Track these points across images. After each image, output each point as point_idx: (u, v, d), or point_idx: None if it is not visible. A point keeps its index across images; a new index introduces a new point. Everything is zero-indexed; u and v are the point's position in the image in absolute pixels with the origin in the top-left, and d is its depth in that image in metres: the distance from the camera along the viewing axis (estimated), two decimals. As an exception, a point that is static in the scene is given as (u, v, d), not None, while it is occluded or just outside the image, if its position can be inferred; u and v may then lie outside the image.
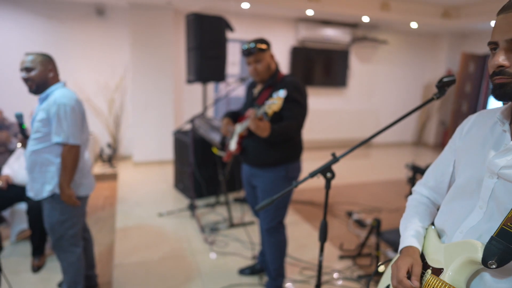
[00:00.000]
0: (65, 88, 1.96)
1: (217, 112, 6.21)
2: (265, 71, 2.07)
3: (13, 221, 2.94)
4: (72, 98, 1.90)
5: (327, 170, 1.25)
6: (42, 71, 1.87)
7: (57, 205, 1.95)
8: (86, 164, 2.07)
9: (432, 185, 1.13)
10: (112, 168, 5.08)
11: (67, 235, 2.00)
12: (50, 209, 1.96)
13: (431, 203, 1.14)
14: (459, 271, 0.87)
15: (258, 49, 2.02)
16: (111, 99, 5.33)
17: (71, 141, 1.87)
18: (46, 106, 1.85)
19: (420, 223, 1.07)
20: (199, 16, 3.75)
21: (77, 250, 2.07)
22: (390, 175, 5.30)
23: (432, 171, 1.14)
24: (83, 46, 5.08)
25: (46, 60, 1.90)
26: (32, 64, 1.85)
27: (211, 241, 3.05)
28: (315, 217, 3.64)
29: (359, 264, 2.74)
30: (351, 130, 7.02)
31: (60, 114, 1.83)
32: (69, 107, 1.85)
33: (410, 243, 1.02)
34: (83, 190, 2.02)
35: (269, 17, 5.98)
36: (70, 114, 1.85)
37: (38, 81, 1.87)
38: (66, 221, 1.97)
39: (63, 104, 1.83)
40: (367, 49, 6.88)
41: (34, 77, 1.85)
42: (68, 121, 1.85)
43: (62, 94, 1.88)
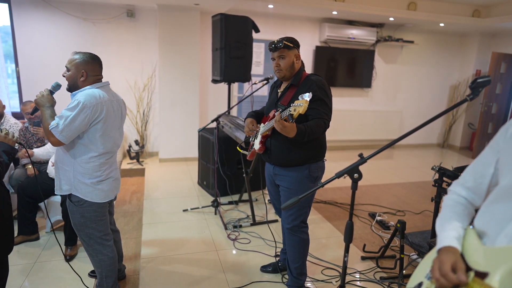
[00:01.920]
0: (96, 89, 1.91)
1: (240, 111, 6.29)
2: (288, 68, 2.08)
3: (49, 212, 3.11)
4: (95, 98, 1.85)
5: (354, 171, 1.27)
6: (74, 74, 1.91)
7: (76, 208, 1.96)
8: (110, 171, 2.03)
9: (471, 186, 1.11)
10: (140, 164, 5.26)
11: (94, 235, 2.02)
12: (71, 211, 1.99)
13: (469, 203, 1.12)
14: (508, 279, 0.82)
15: (284, 45, 2.05)
16: (140, 98, 5.51)
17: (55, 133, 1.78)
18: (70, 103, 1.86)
19: (459, 223, 1.05)
20: (226, 16, 3.82)
21: (107, 247, 2.09)
22: (415, 177, 5.21)
23: (471, 171, 1.12)
24: (115, 46, 5.28)
25: (82, 64, 1.90)
26: (69, 65, 1.92)
27: (234, 238, 3.11)
28: (337, 217, 3.64)
29: (382, 266, 2.73)
30: (375, 131, 6.93)
31: (69, 107, 1.81)
32: (83, 105, 1.80)
33: (450, 243, 1.00)
34: (98, 196, 1.98)
35: (294, 17, 6.00)
36: (78, 111, 1.79)
37: (69, 81, 1.93)
38: (87, 223, 1.99)
39: (78, 101, 1.81)
40: (392, 49, 6.77)
41: (67, 77, 1.93)
42: (69, 115, 1.78)
43: (88, 92, 1.86)
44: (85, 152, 1.91)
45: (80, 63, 1.91)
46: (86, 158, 1.91)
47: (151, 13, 5.33)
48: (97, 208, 1.99)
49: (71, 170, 1.92)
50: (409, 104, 7.18)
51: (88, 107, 1.81)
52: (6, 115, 3.50)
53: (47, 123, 1.84)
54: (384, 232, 3.34)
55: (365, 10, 5.30)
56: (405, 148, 7.23)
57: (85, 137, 1.89)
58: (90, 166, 1.92)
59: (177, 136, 5.47)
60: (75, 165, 1.91)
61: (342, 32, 6.08)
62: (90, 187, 1.94)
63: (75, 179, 1.92)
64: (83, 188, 1.93)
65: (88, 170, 1.93)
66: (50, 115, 1.88)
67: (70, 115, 1.78)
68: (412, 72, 7.03)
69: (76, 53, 1.94)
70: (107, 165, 2.01)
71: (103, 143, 1.93)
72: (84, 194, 1.94)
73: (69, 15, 5.01)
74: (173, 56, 5.21)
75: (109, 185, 2.02)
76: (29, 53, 4.95)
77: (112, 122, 1.96)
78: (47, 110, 1.89)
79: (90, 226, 2.00)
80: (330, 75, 6.42)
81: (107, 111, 1.90)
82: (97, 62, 1.99)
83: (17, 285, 2.36)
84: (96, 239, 2.04)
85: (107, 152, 1.97)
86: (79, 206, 1.95)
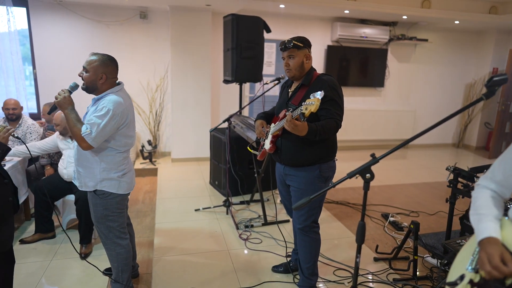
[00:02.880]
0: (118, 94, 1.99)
1: (252, 111, 6.30)
2: (297, 68, 2.08)
3: (64, 210, 3.18)
4: (121, 104, 1.94)
5: (367, 171, 1.26)
6: (92, 76, 1.94)
7: (100, 201, 2.03)
8: (130, 164, 2.15)
9: (500, 179, 1.16)
10: (152, 164, 5.32)
11: (113, 228, 2.09)
12: (94, 204, 2.06)
13: (499, 196, 1.17)
14: None
15: (294, 45, 2.05)
16: (152, 98, 5.57)
17: (88, 139, 1.86)
18: (97, 107, 1.93)
19: (494, 214, 1.10)
20: (237, 17, 3.83)
21: (124, 241, 2.16)
22: (428, 177, 5.13)
23: (499, 165, 1.17)
24: (128, 48, 5.36)
25: (101, 67, 1.95)
26: (88, 67, 1.95)
27: (245, 238, 3.12)
28: (348, 217, 3.61)
29: (395, 267, 2.70)
30: (388, 131, 6.84)
31: (99, 115, 1.88)
32: (113, 113, 1.89)
33: (491, 234, 1.04)
34: (122, 188, 2.07)
35: (305, 17, 5.98)
36: (108, 119, 1.88)
37: (87, 83, 1.97)
38: (109, 215, 2.07)
39: (108, 108, 1.89)
40: (405, 48, 6.67)
41: (85, 78, 1.97)
42: (101, 123, 1.87)
43: (113, 99, 1.92)
44: (111, 150, 2.01)
45: (100, 66, 1.95)
46: (112, 155, 2.02)
47: (163, 15, 5.39)
48: (120, 200, 2.09)
49: (97, 167, 2.00)
50: (423, 104, 7.07)
51: (117, 114, 1.92)
52: (24, 116, 3.60)
53: (77, 128, 1.89)
54: (397, 233, 3.30)
55: (378, 9, 5.24)
56: (419, 148, 7.12)
57: (112, 140, 1.99)
58: (116, 161, 2.03)
59: (189, 136, 5.52)
60: (101, 163, 2.00)
61: (354, 31, 6.02)
62: (116, 180, 2.04)
63: (101, 174, 2.00)
64: (110, 182, 2.02)
65: (114, 165, 2.03)
66: (76, 119, 1.92)
67: (101, 122, 1.87)
68: (426, 71, 6.92)
69: (94, 54, 1.98)
70: (127, 159, 2.13)
71: (125, 141, 2.05)
72: (110, 187, 2.03)
73: (84, 18, 5.11)
74: (185, 56, 5.25)
75: (131, 177, 2.15)
76: (45, 55, 5.07)
77: (132, 123, 2.08)
78: (71, 113, 1.93)
79: (111, 218, 2.08)
80: (342, 75, 6.37)
81: (130, 115, 2.03)
82: (115, 64, 2.04)
83: (35, 282, 2.42)
84: (115, 232, 2.11)
85: (128, 148, 2.10)
86: (104, 199, 2.03)
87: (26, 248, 2.86)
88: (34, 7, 4.90)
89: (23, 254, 2.77)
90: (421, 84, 6.97)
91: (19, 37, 4.81)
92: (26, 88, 4.99)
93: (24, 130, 3.50)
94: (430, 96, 7.08)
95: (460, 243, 2.29)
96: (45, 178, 3.07)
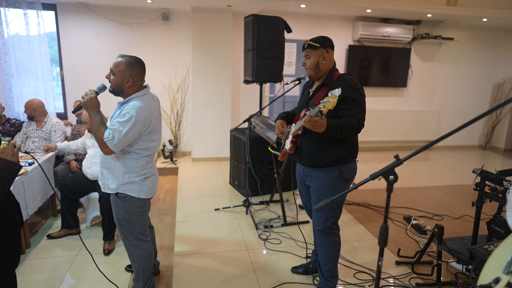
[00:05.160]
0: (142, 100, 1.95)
1: (272, 111, 6.29)
2: (312, 68, 2.08)
3: (88, 207, 3.27)
4: (145, 110, 1.92)
5: (390, 172, 1.23)
6: (119, 80, 1.93)
7: (121, 204, 2.03)
8: (153, 168, 2.14)
9: None
10: (173, 164, 5.40)
11: (134, 230, 2.09)
12: (116, 207, 2.06)
13: None
14: None
15: (309, 45, 2.06)
16: (174, 99, 5.66)
17: (110, 145, 1.87)
18: (121, 112, 1.92)
19: None
20: (258, 17, 3.84)
21: (146, 243, 2.16)
22: (453, 180, 4.97)
23: None
24: (150, 49, 5.46)
25: (128, 70, 1.92)
26: (115, 70, 1.92)
27: (264, 238, 3.12)
28: (368, 219, 3.55)
29: (418, 271, 2.63)
30: (410, 132, 6.68)
31: (121, 121, 1.86)
32: (135, 119, 1.87)
33: None
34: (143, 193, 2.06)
35: (326, 16, 5.92)
36: (131, 125, 1.86)
37: (114, 86, 1.96)
38: (131, 218, 2.07)
39: (130, 115, 1.87)
40: (430, 47, 6.49)
41: (112, 81, 1.96)
42: (123, 130, 1.86)
43: (137, 105, 1.90)
44: (133, 154, 2.00)
45: (126, 69, 1.92)
46: (134, 158, 2.00)
47: (185, 16, 5.47)
48: (141, 203, 2.08)
49: (119, 170, 2.00)
50: (448, 104, 6.86)
51: (140, 120, 1.89)
52: (49, 115, 3.74)
53: (100, 132, 1.89)
54: (420, 236, 3.22)
55: (401, 7, 5.12)
56: (443, 150, 6.91)
57: (134, 145, 1.98)
58: (138, 165, 2.02)
59: (209, 136, 5.57)
60: (124, 166, 2.00)
61: (376, 30, 5.92)
62: (137, 184, 2.03)
63: (123, 177, 2.00)
64: (131, 185, 2.02)
65: (136, 169, 2.02)
66: (100, 123, 1.92)
67: (124, 129, 1.85)
68: (451, 70, 6.71)
69: (121, 56, 1.95)
70: (151, 163, 2.11)
71: (149, 146, 2.03)
72: (131, 190, 2.02)
73: (109, 20, 5.25)
74: (206, 57, 5.31)
75: (153, 181, 2.12)
76: (72, 57, 5.25)
77: (157, 127, 2.05)
78: (96, 116, 1.92)
79: (133, 221, 2.08)
80: (364, 75, 6.27)
81: (154, 120, 1.99)
82: (142, 67, 2.00)
83: (61, 276, 2.51)
84: (136, 234, 2.12)
85: (152, 152, 2.08)
86: (125, 202, 2.03)
87: (53, 243, 2.96)
88: (62, 11, 5.08)
89: (50, 248, 2.88)
90: (446, 84, 6.77)
91: (48, 40, 5.00)
92: (54, 88, 5.17)
93: (49, 128, 3.64)
94: (455, 96, 6.86)
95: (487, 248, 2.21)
96: (71, 176, 3.18)
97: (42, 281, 2.44)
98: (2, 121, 3.81)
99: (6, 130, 3.80)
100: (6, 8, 4.73)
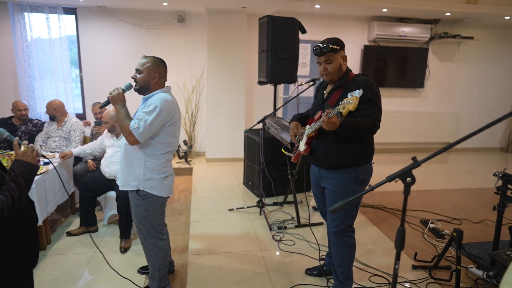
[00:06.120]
0: (166, 93, 2.08)
1: (286, 112, 6.28)
2: (335, 71, 2.05)
3: (106, 206, 3.34)
4: (169, 102, 2.02)
5: (407, 174, 1.22)
6: (146, 76, 2.04)
7: (142, 202, 2.08)
8: (171, 168, 2.20)
9: None
10: (188, 164, 5.46)
11: (153, 228, 2.14)
12: (136, 205, 2.11)
13: None
14: None
15: (331, 49, 2.00)
16: (188, 100, 5.73)
17: (135, 134, 1.92)
18: (145, 105, 2.03)
19: None
20: (272, 18, 3.84)
21: (162, 241, 2.20)
22: (473, 183, 4.85)
23: None
24: (166, 50, 5.54)
25: (154, 67, 2.06)
26: (142, 68, 2.05)
27: (278, 239, 3.12)
28: (384, 222, 3.49)
29: (436, 276, 2.57)
30: (427, 133, 6.55)
31: (147, 111, 1.95)
32: (160, 109, 1.96)
33: None
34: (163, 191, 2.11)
35: (341, 16, 5.87)
36: (155, 115, 1.95)
37: (141, 83, 2.06)
38: (150, 216, 2.11)
39: (155, 105, 1.97)
40: (448, 46, 6.35)
41: (139, 79, 2.06)
42: (148, 119, 1.93)
43: (162, 97, 2.02)
44: (156, 150, 2.06)
45: (153, 66, 2.06)
46: (156, 155, 2.06)
47: (200, 18, 5.52)
48: (161, 202, 2.13)
49: (141, 167, 2.05)
50: (467, 105, 6.69)
51: (164, 111, 1.98)
52: (69, 115, 3.84)
53: (126, 122, 1.97)
54: (438, 240, 3.15)
55: (419, 6, 5.03)
56: (462, 152, 6.75)
57: (156, 137, 2.04)
58: (159, 162, 2.08)
59: (223, 136, 5.60)
60: (146, 162, 2.05)
61: (393, 30, 5.83)
62: (158, 182, 2.08)
63: (145, 175, 2.05)
64: (152, 183, 2.07)
65: (158, 166, 2.07)
66: (126, 114, 2.00)
67: (149, 118, 1.94)
68: (470, 70, 6.55)
69: (146, 57, 2.08)
70: (170, 162, 2.18)
71: (170, 141, 2.09)
72: (152, 188, 2.07)
73: (126, 23, 5.35)
74: (221, 58, 5.35)
75: (171, 180, 2.19)
76: (91, 59, 5.37)
77: (178, 123, 2.14)
78: (122, 108, 2.02)
79: (152, 219, 2.12)
80: (379, 75, 6.19)
81: (177, 114, 2.10)
82: (165, 66, 2.15)
83: (80, 272, 2.57)
84: (154, 232, 2.16)
85: (172, 150, 2.14)
86: (146, 200, 2.08)
87: (72, 240, 3.04)
88: (82, 14, 5.21)
89: (69, 245, 2.95)
90: (465, 84, 6.61)
91: (68, 43, 5.14)
92: (73, 90, 5.31)
93: (69, 127, 3.74)
94: (475, 97, 6.69)
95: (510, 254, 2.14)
96: (89, 175, 3.25)
97: (62, 277, 2.51)
98: (25, 122, 3.94)
99: (28, 130, 3.92)
100: (30, 13, 4.88)
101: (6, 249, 1.44)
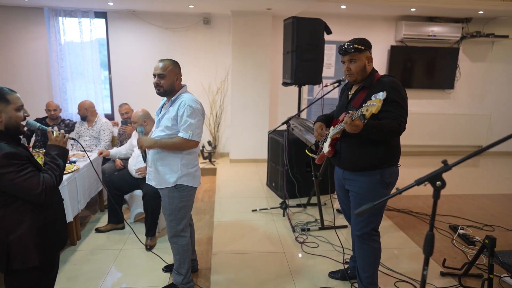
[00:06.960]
0: (189, 93, 2.21)
1: (310, 114, 6.24)
2: (359, 71, 2.02)
3: (132, 204, 3.44)
4: (197, 101, 2.16)
5: (437, 178, 1.18)
6: (172, 79, 2.14)
7: (178, 194, 2.20)
8: (198, 160, 2.32)
9: None
10: (212, 164, 5.52)
11: (182, 220, 2.25)
12: (170, 197, 2.21)
13: None
14: None
15: (356, 49, 1.98)
16: (213, 101, 5.80)
17: (195, 138, 2.13)
18: (176, 107, 2.12)
19: None
20: (298, 19, 3.83)
21: (187, 233, 2.32)
22: (506, 188, 4.63)
23: None
24: (192, 52, 5.64)
25: (175, 69, 2.16)
26: (165, 72, 2.12)
27: (301, 241, 3.10)
28: (410, 226, 3.40)
29: (466, 285, 2.48)
30: (458, 136, 6.31)
31: (188, 115, 2.08)
32: (196, 109, 2.11)
33: None
34: (196, 182, 2.27)
35: (367, 17, 5.77)
36: (196, 115, 2.11)
37: (166, 87, 2.14)
38: (183, 208, 2.24)
39: (191, 107, 2.09)
40: (480, 46, 6.10)
41: (164, 84, 2.13)
42: (194, 121, 2.10)
43: (190, 97, 2.14)
44: None
45: (174, 68, 2.16)
46: (190, 151, 2.20)
47: (225, 20, 5.58)
48: (193, 192, 2.30)
49: (178, 164, 2.18)
50: (501, 107, 6.39)
51: (199, 109, 2.16)
52: (99, 116, 4.00)
53: (174, 142, 2.12)
54: (468, 247, 3.03)
55: (449, 5, 4.87)
56: (494, 156, 6.45)
57: None
58: (191, 157, 2.23)
59: (247, 137, 5.63)
60: (182, 159, 2.18)
61: (421, 30, 5.66)
62: (192, 174, 2.23)
63: (181, 170, 2.18)
64: (188, 176, 2.21)
65: (191, 160, 2.22)
66: (166, 141, 2.14)
67: (194, 120, 2.11)
68: (505, 70, 6.25)
69: (162, 60, 2.15)
70: (197, 155, 2.31)
71: (200, 137, 2.21)
72: (188, 181, 2.21)
73: (153, 25, 5.49)
74: (245, 59, 5.38)
75: (199, 171, 2.33)
76: (119, 61, 5.55)
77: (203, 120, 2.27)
78: (156, 142, 2.14)
79: (183, 210, 2.25)
80: (406, 76, 6.03)
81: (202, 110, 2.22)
82: (180, 66, 2.24)
83: (107, 269, 2.65)
84: (182, 225, 2.28)
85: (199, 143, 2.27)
86: (181, 191, 2.21)
87: (101, 236, 3.15)
88: (112, 18, 5.39)
89: (98, 241, 3.06)
90: (499, 85, 6.32)
91: (98, 45, 5.33)
92: (102, 91, 5.50)
93: (99, 127, 3.89)
94: (509, 98, 6.38)
95: (546, 263, 2.03)
96: (117, 174, 3.35)
97: (90, 272, 2.60)
98: (58, 122, 4.12)
99: (60, 130, 4.10)
100: (64, 18, 5.11)
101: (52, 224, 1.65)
